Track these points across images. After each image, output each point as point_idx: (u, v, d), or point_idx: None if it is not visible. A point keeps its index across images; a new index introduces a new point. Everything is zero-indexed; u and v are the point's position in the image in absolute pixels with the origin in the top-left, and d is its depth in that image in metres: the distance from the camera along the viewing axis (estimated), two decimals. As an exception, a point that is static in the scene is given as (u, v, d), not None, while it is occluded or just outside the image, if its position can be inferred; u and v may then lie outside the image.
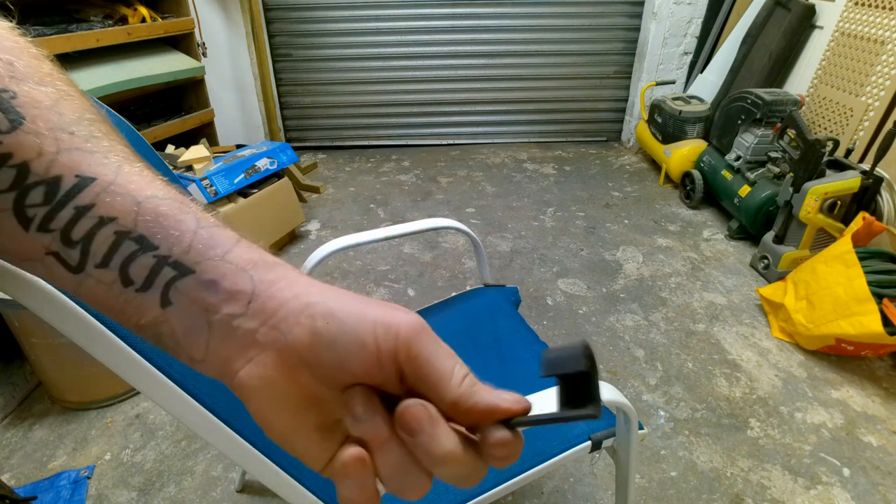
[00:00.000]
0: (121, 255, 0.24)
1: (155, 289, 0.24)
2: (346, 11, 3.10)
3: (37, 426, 1.42)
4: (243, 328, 0.24)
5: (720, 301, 1.90)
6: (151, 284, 0.24)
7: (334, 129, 3.49)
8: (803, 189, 1.81)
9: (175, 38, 2.41)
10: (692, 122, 2.69)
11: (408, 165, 3.20)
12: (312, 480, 0.66)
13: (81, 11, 2.04)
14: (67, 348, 1.35)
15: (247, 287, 0.25)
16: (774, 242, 1.97)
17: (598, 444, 0.83)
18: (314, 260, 1.09)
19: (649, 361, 1.63)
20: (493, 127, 3.51)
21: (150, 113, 2.39)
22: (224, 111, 3.02)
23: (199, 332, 0.25)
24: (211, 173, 1.91)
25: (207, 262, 0.24)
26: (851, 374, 1.56)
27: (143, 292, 0.24)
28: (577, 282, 2.03)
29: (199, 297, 0.24)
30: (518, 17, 3.15)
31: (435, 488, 0.82)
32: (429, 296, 1.96)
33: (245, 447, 0.59)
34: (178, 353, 0.26)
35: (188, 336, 0.25)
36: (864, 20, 2.11)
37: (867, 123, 2.03)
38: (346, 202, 2.73)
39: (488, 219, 2.53)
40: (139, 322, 0.25)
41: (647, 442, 1.35)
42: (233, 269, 0.25)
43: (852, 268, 1.52)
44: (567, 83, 3.36)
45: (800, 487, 1.23)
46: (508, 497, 1.23)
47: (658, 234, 2.37)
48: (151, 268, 0.24)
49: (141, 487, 1.25)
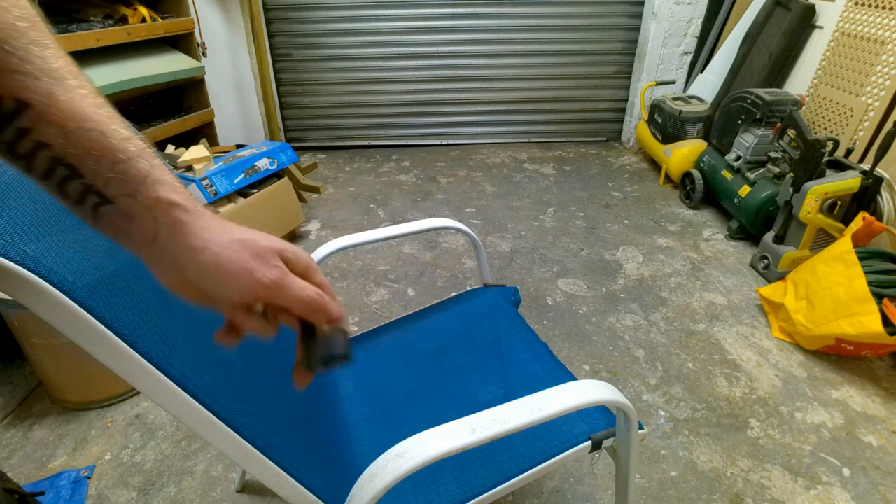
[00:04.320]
0: (56, 176, 0.31)
1: (87, 206, 0.32)
2: (346, 11, 3.10)
3: (37, 426, 1.42)
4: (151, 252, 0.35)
5: (720, 301, 1.90)
6: (84, 202, 0.32)
7: (334, 129, 3.49)
8: (803, 189, 1.81)
9: (175, 38, 2.41)
10: (692, 122, 2.69)
11: (408, 165, 3.20)
12: (313, 480, 0.66)
13: (81, 11, 2.04)
14: (67, 348, 1.35)
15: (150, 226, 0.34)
16: (774, 242, 1.97)
17: (598, 444, 0.83)
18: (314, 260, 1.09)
19: (649, 361, 1.63)
20: (493, 127, 3.51)
21: (150, 113, 2.39)
22: (224, 111, 3.02)
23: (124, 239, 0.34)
24: (211, 173, 1.91)
25: (120, 197, 0.32)
26: (851, 374, 1.56)
27: (79, 205, 0.32)
28: (577, 282, 2.03)
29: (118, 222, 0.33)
30: (518, 17, 3.15)
31: (435, 488, 0.82)
32: (429, 296, 1.96)
33: (245, 447, 0.59)
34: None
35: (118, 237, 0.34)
36: (864, 20, 2.11)
37: (867, 123, 2.03)
38: (346, 202, 2.73)
39: (488, 219, 2.53)
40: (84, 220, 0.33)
41: (647, 442, 1.35)
42: (140, 210, 0.33)
43: (852, 268, 1.52)
44: (567, 83, 3.36)
45: (800, 487, 1.23)
46: (508, 497, 1.23)
47: (658, 234, 2.37)
48: (80, 192, 0.31)
49: (141, 487, 1.25)
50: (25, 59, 0.29)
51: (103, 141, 0.31)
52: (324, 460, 0.75)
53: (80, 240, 0.51)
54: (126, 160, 0.32)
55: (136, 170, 0.32)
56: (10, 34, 0.28)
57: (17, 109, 0.28)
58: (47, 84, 0.29)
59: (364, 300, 1.95)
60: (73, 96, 0.30)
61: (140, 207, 0.33)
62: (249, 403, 0.65)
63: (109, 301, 0.49)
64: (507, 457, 0.84)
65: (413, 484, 0.79)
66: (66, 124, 0.30)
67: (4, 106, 0.28)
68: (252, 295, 0.37)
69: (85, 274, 0.48)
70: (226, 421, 0.57)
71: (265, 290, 0.37)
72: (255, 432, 0.60)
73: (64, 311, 0.46)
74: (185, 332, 0.59)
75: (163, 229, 0.34)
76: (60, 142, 0.30)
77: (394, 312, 1.88)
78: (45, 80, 0.29)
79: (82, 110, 0.30)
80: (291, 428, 0.72)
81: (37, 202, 0.50)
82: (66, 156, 0.30)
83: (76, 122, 0.30)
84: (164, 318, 0.56)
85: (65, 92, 0.30)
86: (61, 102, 0.30)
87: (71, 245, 0.49)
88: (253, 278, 0.37)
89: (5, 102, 0.28)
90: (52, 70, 0.30)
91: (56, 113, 0.29)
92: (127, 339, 0.50)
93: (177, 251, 0.35)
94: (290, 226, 2.28)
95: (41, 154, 0.30)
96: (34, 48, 0.29)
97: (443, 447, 0.60)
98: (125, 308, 0.51)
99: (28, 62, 0.29)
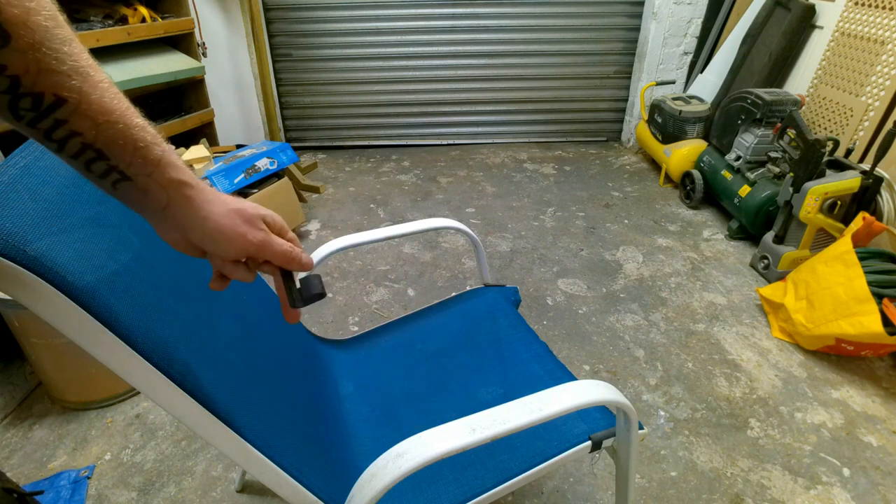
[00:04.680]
0: (85, 157, 0.37)
1: (108, 181, 0.39)
2: (346, 11, 3.10)
3: (37, 426, 1.42)
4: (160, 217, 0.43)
5: (720, 301, 1.90)
6: (106, 177, 0.39)
7: (334, 129, 3.49)
8: (803, 189, 1.81)
9: (175, 38, 2.41)
10: (692, 122, 2.69)
11: (408, 165, 3.20)
12: (312, 480, 0.66)
13: (81, 11, 2.04)
14: (67, 348, 1.35)
15: (162, 199, 0.42)
16: (774, 242, 1.97)
17: (598, 444, 0.83)
18: (314, 260, 1.09)
19: (649, 361, 1.63)
20: (493, 127, 3.51)
21: (150, 113, 2.34)
22: (224, 111, 3.02)
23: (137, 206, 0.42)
24: (211, 173, 1.91)
25: (139, 176, 0.39)
26: (851, 374, 1.56)
27: (102, 180, 0.39)
28: (577, 282, 2.03)
29: (135, 196, 0.41)
30: (518, 17, 3.15)
31: (435, 488, 0.82)
32: (429, 296, 1.96)
33: (245, 447, 0.59)
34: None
35: (131, 203, 0.41)
36: (864, 20, 2.11)
37: (867, 123, 2.03)
38: (346, 202, 2.73)
39: (488, 219, 2.53)
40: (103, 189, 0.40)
41: (647, 442, 1.35)
42: (155, 187, 0.41)
43: (852, 268, 1.52)
44: (567, 83, 3.36)
45: (800, 487, 1.23)
46: (508, 497, 1.23)
47: (658, 234, 2.37)
48: (104, 170, 0.38)
49: (141, 487, 1.25)
50: (61, 60, 0.33)
51: (126, 132, 0.38)
52: (324, 460, 0.75)
53: (80, 240, 0.51)
54: (144, 147, 0.39)
55: (153, 154, 0.40)
56: (44, 36, 0.33)
57: (55, 104, 0.34)
58: (80, 82, 0.35)
59: (364, 300, 1.95)
60: (101, 93, 0.36)
61: (155, 185, 0.40)
62: (249, 403, 0.65)
63: (109, 301, 0.49)
64: (507, 457, 0.84)
65: (413, 484, 0.79)
66: (96, 118, 0.36)
67: (45, 100, 0.33)
68: (244, 252, 0.47)
69: (85, 274, 0.48)
70: (226, 421, 0.57)
71: (254, 247, 0.47)
72: (255, 432, 0.60)
73: (64, 311, 0.46)
74: (184, 332, 0.59)
75: (173, 202, 0.42)
76: (91, 132, 0.36)
77: (394, 312, 1.88)
78: (77, 79, 0.34)
79: (108, 105, 0.36)
80: (291, 428, 0.72)
81: (37, 202, 0.49)
82: (95, 142, 0.36)
83: (104, 116, 0.36)
84: (164, 319, 0.56)
85: (93, 89, 0.35)
86: (92, 99, 0.35)
87: (71, 245, 0.49)
88: (246, 240, 0.46)
89: (46, 97, 0.33)
90: (81, 68, 0.35)
91: (87, 108, 0.35)
92: (127, 339, 0.50)
93: (184, 219, 0.43)
94: (289, 226, 2.26)
95: (74, 140, 0.36)
96: (64, 48, 0.34)
97: (443, 447, 0.60)
98: (125, 308, 0.51)
99: (63, 62, 0.34)
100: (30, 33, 0.32)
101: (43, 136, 0.35)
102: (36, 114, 0.34)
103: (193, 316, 0.63)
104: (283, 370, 0.83)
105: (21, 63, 0.32)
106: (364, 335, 1.20)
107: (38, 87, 0.33)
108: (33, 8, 0.32)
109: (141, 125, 0.39)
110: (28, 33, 0.32)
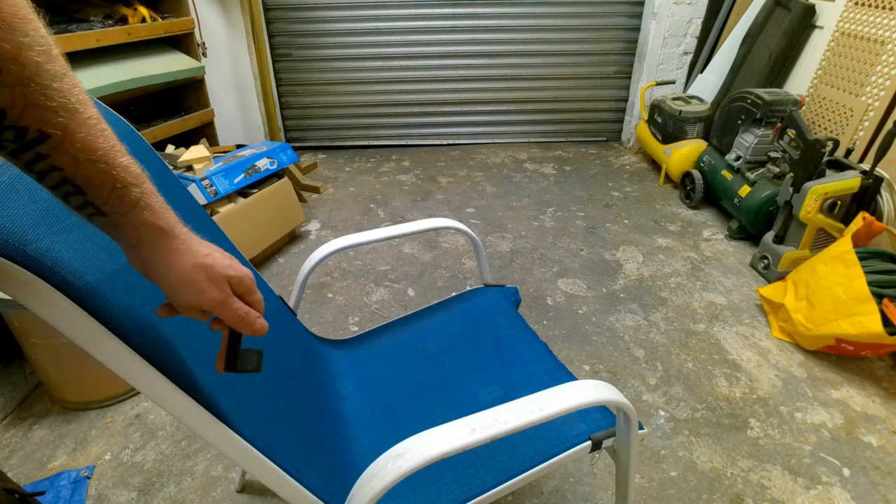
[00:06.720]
0: (63, 190, 0.38)
1: (84, 213, 0.40)
2: (346, 11, 3.10)
3: (37, 426, 1.42)
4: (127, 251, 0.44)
5: (720, 301, 1.90)
6: (82, 210, 0.40)
7: (334, 129, 3.49)
8: (803, 189, 1.81)
9: (175, 38, 2.40)
10: (692, 122, 2.69)
11: (408, 165, 3.20)
12: (312, 480, 0.66)
13: (81, 11, 2.04)
14: (67, 348, 1.35)
15: (133, 238, 0.42)
16: (774, 242, 1.97)
17: (598, 444, 0.83)
18: (314, 260, 1.09)
19: (649, 361, 1.63)
20: (493, 127, 3.51)
21: (150, 113, 2.38)
22: (224, 111, 3.02)
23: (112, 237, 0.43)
24: (211, 173, 1.91)
25: (113, 214, 0.40)
26: (851, 374, 1.56)
27: (77, 211, 0.40)
28: (577, 282, 2.03)
29: (108, 229, 0.42)
30: (518, 17, 3.15)
31: (435, 489, 0.82)
32: (429, 296, 1.96)
33: (245, 447, 0.59)
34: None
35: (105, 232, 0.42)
36: (864, 20, 2.11)
37: (867, 123, 2.03)
38: (346, 202, 2.73)
39: (488, 219, 2.53)
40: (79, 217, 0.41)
41: (647, 442, 1.35)
42: (127, 226, 0.42)
43: (852, 268, 1.52)
44: (567, 83, 3.36)
45: (800, 487, 1.23)
46: (508, 497, 1.23)
47: (658, 234, 2.37)
48: (81, 203, 0.39)
49: (141, 487, 1.25)
50: (49, 97, 0.34)
51: (106, 171, 0.38)
52: (324, 460, 0.75)
53: (80, 240, 0.51)
54: (123, 187, 0.40)
55: (131, 196, 0.41)
56: (34, 71, 0.33)
57: (38, 139, 0.34)
58: (66, 119, 0.35)
59: (364, 300, 1.95)
60: (87, 131, 0.36)
61: (128, 224, 0.41)
62: (249, 403, 0.65)
63: (109, 301, 0.49)
64: (507, 457, 0.84)
65: (413, 484, 0.79)
66: (78, 155, 0.36)
67: (29, 134, 0.34)
68: (197, 306, 0.47)
69: (85, 274, 0.48)
70: (226, 421, 0.57)
71: (208, 306, 0.47)
72: (255, 432, 0.60)
73: (64, 311, 0.46)
74: (184, 332, 0.59)
75: (143, 243, 0.43)
76: (72, 168, 0.36)
77: (394, 312, 1.88)
78: (64, 116, 0.35)
79: (93, 143, 0.37)
80: (291, 428, 0.72)
81: (37, 202, 0.50)
82: (74, 178, 0.37)
83: (87, 155, 0.37)
84: (164, 319, 0.56)
85: (79, 126, 0.36)
86: (77, 137, 0.36)
87: (71, 245, 0.49)
88: (202, 297, 0.47)
89: (30, 132, 0.34)
90: (69, 105, 0.35)
91: (70, 145, 0.36)
92: (127, 340, 0.50)
93: (149, 261, 0.44)
94: (289, 226, 2.28)
95: (54, 174, 0.36)
96: (55, 84, 0.34)
97: (443, 447, 0.60)
98: (125, 308, 0.51)
99: (50, 98, 0.34)
100: (20, 68, 0.32)
101: (24, 166, 0.36)
102: (18, 146, 0.34)
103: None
104: (283, 370, 0.83)
105: (8, 97, 0.32)
106: (364, 335, 1.20)
107: (23, 122, 0.33)
108: (26, 43, 0.32)
109: (123, 165, 0.39)
110: (18, 68, 0.32)
